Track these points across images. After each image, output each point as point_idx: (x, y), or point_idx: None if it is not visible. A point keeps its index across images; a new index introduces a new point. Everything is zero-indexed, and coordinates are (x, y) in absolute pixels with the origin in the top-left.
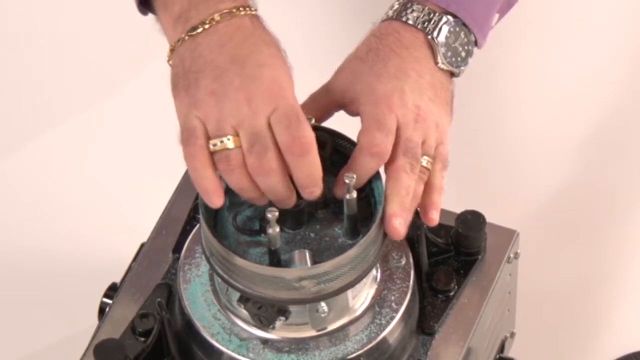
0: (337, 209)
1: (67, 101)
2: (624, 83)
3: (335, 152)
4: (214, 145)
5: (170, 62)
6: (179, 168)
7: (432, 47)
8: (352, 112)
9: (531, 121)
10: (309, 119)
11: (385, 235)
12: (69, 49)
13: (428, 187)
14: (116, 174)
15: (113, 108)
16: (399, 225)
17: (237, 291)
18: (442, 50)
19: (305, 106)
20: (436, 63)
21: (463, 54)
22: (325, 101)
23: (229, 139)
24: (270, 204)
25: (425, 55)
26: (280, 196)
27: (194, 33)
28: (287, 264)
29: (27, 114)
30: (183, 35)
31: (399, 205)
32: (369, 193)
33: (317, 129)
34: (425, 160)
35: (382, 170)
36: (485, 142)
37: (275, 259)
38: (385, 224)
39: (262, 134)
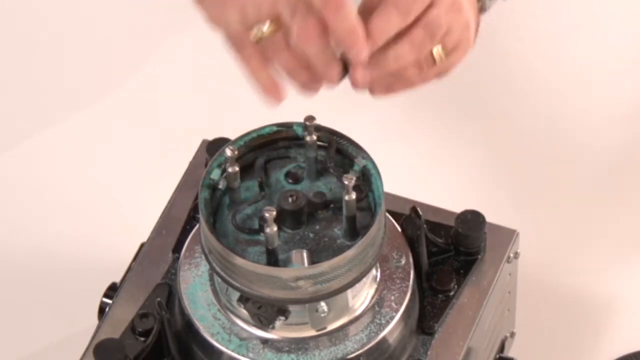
0: (337, 209)
1: (66, 101)
2: (624, 82)
3: (337, 152)
4: (257, 36)
5: None
6: (179, 168)
7: None
8: None
9: (531, 121)
10: (311, 118)
11: (384, 236)
12: (69, 47)
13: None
14: (116, 174)
15: (113, 108)
16: (361, 76)
17: (235, 290)
18: None
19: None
20: None
21: None
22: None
23: (269, 24)
24: (270, 202)
25: None
26: (326, 65)
27: None
28: (285, 263)
29: (26, 113)
30: None
31: (379, 63)
32: (368, 195)
33: (319, 129)
34: (438, 49)
35: (382, 170)
36: (485, 142)
37: (273, 259)
38: (352, 68)
39: (298, 3)
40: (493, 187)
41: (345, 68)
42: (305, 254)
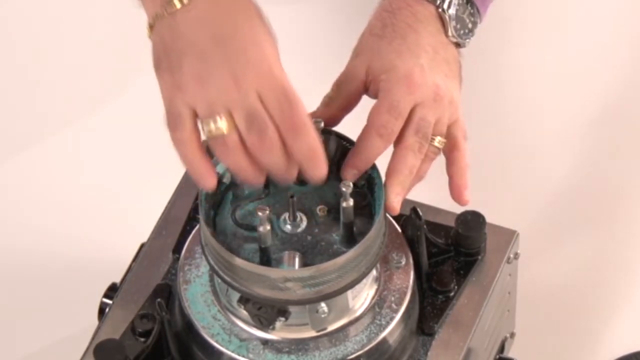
0: (337, 214)
1: (67, 102)
2: (623, 80)
3: (343, 156)
4: (209, 130)
5: (151, 38)
6: (179, 168)
7: (442, 19)
8: (373, 93)
9: (531, 121)
10: (317, 122)
11: (382, 247)
12: (69, 50)
13: (457, 167)
14: (116, 175)
15: (113, 109)
16: (396, 203)
17: (224, 283)
18: (452, 22)
19: (333, 98)
20: (447, 36)
21: (470, 25)
22: (353, 88)
23: (223, 122)
24: (273, 201)
25: (437, 29)
26: (281, 171)
27: (173, 10)
28: (279, 263)
29: (27, 115)
30: (161, 11)
31: (400, 185)
32: (370, 202)
33: (328, 133)
34: (437, 141)
35: (383, 170)
36: (485, 142)
37: (265, 257)
38: (384, 198)
39: (258, 112)
40: (493, 187)
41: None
42: (297, 256)
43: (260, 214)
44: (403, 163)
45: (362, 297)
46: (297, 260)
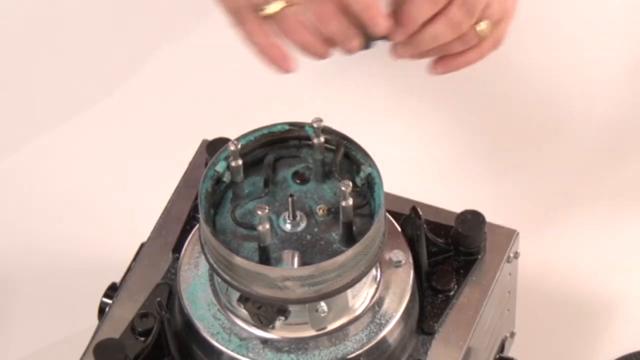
0: (337, 214)
1: (66, 101)
2: (625, 80)
3: (346, 157)
4: (267, 11)
5: None
6: (179, 168)
7: None
8: None
9: (531, 121)
10: (319, 120)
11: (381, 246)
12: (66, 49)
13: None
14: (116, 174)
15: (112, 108)
16: (400, 51)
17: (224, 283)
18: None
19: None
20: None
21: None
22: None
23: (279, 2)
24: (273, 200)
25: None
26: (345, 39)
27: None
28: (278, 262)
29: (26, 114)
30: None
31: (416, 44)
32: (370, 202)
33: (329, 132)
34: (482, 25)
35: (382, 170)
36: (485, 141)
37: (265, 256)
38: (392, 46)
39: None
40: (493, 187)
41: (367, 37)
42: (296, 255)
43: (259, 212)
44: (430, 29)
45: (361, 296)
46: (296, 259)
